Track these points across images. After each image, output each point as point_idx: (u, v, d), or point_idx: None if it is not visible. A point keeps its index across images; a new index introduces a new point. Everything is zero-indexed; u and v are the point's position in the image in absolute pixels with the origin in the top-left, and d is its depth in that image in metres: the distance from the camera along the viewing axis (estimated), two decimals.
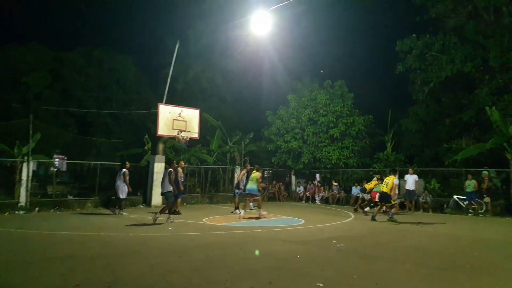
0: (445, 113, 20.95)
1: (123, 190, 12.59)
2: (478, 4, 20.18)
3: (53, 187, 16.48)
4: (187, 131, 16.88)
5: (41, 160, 16.22)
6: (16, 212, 12.36)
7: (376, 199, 14.45)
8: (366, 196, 15.36)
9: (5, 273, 5.19)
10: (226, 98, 29.85)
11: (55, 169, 17.93)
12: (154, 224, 10.10)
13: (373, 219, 12.04)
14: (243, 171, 14.18)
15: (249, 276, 5.28)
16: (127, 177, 12.62)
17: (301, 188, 21.81)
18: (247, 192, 12.44)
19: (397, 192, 12.97)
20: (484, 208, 14.36)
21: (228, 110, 29.10)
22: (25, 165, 13.82)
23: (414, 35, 21.02)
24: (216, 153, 22.50)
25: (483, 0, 19.72)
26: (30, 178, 13.86)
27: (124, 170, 12.72)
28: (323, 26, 29.90)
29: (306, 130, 22.51)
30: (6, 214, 12.15)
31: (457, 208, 15.28)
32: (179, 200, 12.60)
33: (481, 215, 14.16)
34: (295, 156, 22.93)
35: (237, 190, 13.91)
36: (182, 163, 13.96)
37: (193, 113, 17.59)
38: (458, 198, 15.30)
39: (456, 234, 9.75)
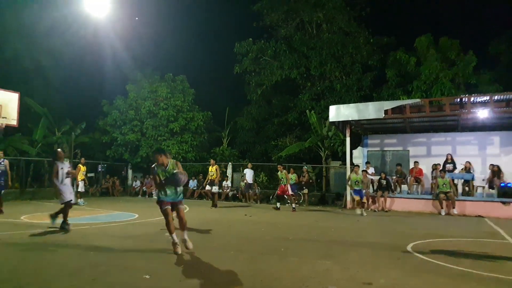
0: (274, 113, 23.45)
1: None
2: (304, 18, 23.20)
3: None
4: (3, 117, 14.63)
5: None
6: None
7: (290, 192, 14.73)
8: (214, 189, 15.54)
9: None
10: (55, 83, 26.83)
11: None
12: None
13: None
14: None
15: (70, 274, 5.05)
16: None
17: (138, 183, 21.34)
18: None
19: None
20: (302, 198, 16.67)
21: (56, 97, 26.23)
22: None
23: (250, 39, 22.81)
24: (40, 144, 20.12)
25: (307, 15, 22.76)
26: None
27: None
28: (168, 18, 29.73)
29: (145, 123, 22.10)
30: None
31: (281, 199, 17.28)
32: None
33: (296, 204, 16.35)
34: (133, 149, 22.28)
35: None
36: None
37: (10, 97, 15.29)
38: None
39: (276, 222, 11.12)
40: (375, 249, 7.09)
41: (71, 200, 8.69)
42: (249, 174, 16.80)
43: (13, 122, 15.29)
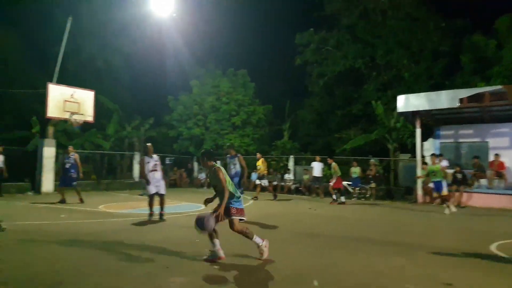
0: (337, 105, 22.79)
1: None
2: (368, 6, 22.23)
3: None
4: (81, 114, 15.77)
5: None
6: None
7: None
8: (264, 182, 15.68)
9: None
10: (125, 81, 28.35)
11: None
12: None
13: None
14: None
15: (145, 262, 5.24)
16: None
17: (203, 175, 21.92)
18: None
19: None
20: (370, 193, 16.05)
21: (126, 94, 27.72)
22: None
23: (312, 29, 22.32)
24: (113, 138, 21.41)
25: (371, 2, 21.76)
26: None
27: None
28: (227, 13, 30.02)
29: (208, 117, 22.62)
30: None
31: (346, 193, 16.79)
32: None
33: (363, 199, 15.81)
34: (197, 143, 22.93)
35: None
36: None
37: (87, 95, 16.46)
38: (346, 184, 16.80)
39: (343, 216, 10.80)
40: (453, 247, 6.55)
41: (156, 192, 9.01)
42: (317, 167, 16.37)
43: (90, 118, 16.42)
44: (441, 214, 10.93)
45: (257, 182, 15.39)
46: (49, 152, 15.33)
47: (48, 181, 15.18)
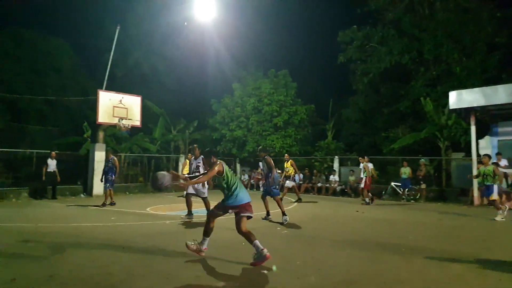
0: (383, 103, 22.03)
1: None
2: None
3: None
4: (129, 119, 16.32)
5: None
6: None
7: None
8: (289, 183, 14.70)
9: None
10: (169, 85, 29.15)
11: None
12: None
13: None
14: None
15: (194, 265, 5.26)
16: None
17: (246, 176, 22.02)
18: None
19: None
20: (419, 194, 15.34)
21: (171, 98, 28.47)
22: None
23: (355, 26, 21.73)
24: (159, 142, 22.02)
25: None
26: None
27: None
28: (267, 15, 30.08)
29: (250, 119, 22.67)
30: None
31: (394, 194, 16.19)
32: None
33: (412, 201, 15.11)
34: (240, 145, 23.07)
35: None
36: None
37: (134, 100, 17.00)
38: (395, 184, 16.19)
39: (393, 219, 10.38)
40: None
41: (193, 193, 9.27)
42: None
43: (137, 123, 16.95)
44: (499, 219, 10.20)
45: (287, 184, 14.76)
46: (99, 156, 15.97)
47: (98, 184, 15.80)
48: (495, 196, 10.21)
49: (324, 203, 14.19)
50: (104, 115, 15.57)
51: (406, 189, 15.42)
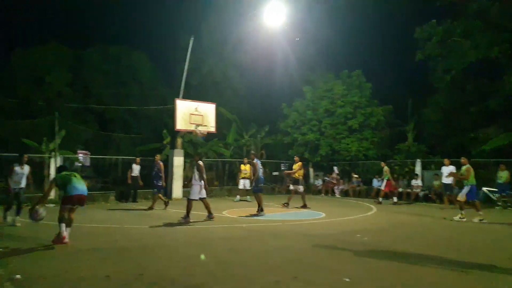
0: (468, 101, 20.25)
1: None
2: None
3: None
4: (204, 125, 16.85)
5: (67, 156, 16.50)
6: (46, 205, 12.47)
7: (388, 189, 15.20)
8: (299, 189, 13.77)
9: (34, 265, 5.22)
10: (241, 91, 29.71)
11: (80, 164, 18.19)
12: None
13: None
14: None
15: (272, 269, 5.18)
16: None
17: (319, 181, 21.58)
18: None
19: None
20: None
21: (242, 104, 28.98)
22: (52, 160, 14.23)
23: (434, 21, 20.29)
24: (232, 147, 22.47)
25: None
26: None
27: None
28: (337, 15, 29.26)
29: (323, 122, 22.21)
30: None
31: (487, 201, 14.68)
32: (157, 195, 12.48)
33: (510, 208, 13.58)
34: (313, 149, 22.69)
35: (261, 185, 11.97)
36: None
37: (209, 107, 17.53)
38: (488, 190, 14.67)
39: (485, 228, 9.42)
40: None
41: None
42: (447, 172, 14.36)
43: (212, 129, 17.45)
44: None
45: (291, 187, 13.88)
46: (178, 161, 16.71)
47: (177, 188, 16.55)
48: None
49: (406, 209, 13.36)
50: (181, 122, 16.24)
51: (504, 195, 13.85)
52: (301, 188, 13.44)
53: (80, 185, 6.76)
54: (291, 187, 13.86)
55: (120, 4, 45.38)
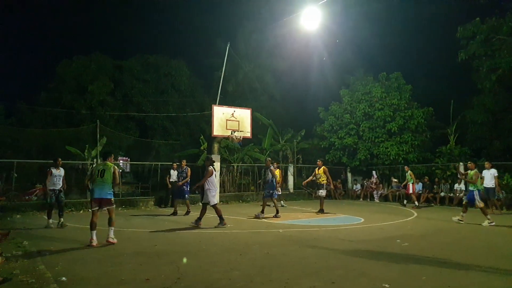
0: None
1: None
2: None
3: (119, 187, 17.38)
4: (240, 131, 17.00)
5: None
6: (89, 210, 13.04)
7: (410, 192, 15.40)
8: (321, 193, 13.53)
9: (77, 268, 5.47)
10: (276, 96, 29.73)
11: (120, 170, 18.86)
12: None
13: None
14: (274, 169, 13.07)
15: (310, 275, 5.16)
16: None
17: (358, 186, 21.19)
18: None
19: None
20: None
21: (278, 108, 28.99)
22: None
23: (477, 18, 19.45)
24: (268, 152, 22.49)
25: None
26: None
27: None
28: (375, 16, 28.73)
29: (361, 126, 21.80)
30: (81, 211, 13.03)
31: None
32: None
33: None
34: (350, 153, 22.31)
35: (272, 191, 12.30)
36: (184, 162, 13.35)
37: (245, 113, 17.68)
38: None
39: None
40: None
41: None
42: (488, 176, 13.78)
43: (248, 134, 17.58)
44: None
45: (319, 193, 13.36)
46: (215, 167, 16.92)
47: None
48: None
49: (448, 214, 12.83)
50: (218, 128, 16.49)
51: None
52: (323, 192, 13.26)
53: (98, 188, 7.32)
54: (319, 193, 13.48)
55: (159, 14, 47.04)
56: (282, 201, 15.65)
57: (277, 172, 14.20)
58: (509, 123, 19.38)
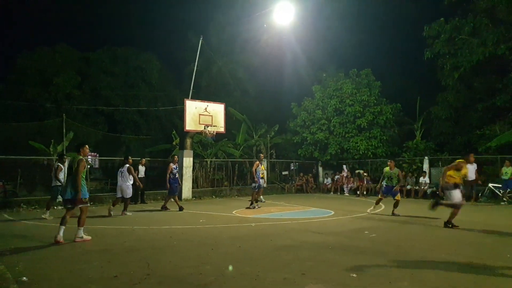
0: (476, 98, 20.15)
1: (126, 190, 11.23)
2: None
3: (87, 184, 16.98)
4: (213, 126, 17.00)
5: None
6: (55, 207, 12.69)
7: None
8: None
9: (40, 267, 5.34)
10: (249, 91, 29.82)
11: (88, 166, 18.42)
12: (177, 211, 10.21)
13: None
14: (256, 163, 13.30)
15: (281, 267, 5.28)
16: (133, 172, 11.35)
17: (329, 180, 21.63)
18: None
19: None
20: None
21: (252, 104, 29.10)
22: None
23: (442, 19, 20.22)
24: (242, 147, 22.58)
25: None
26: (66, 175, 14.28)
27: (127, 166, 11.26)
28: (346, 14, 29.29)
29: (332, 121, 22.24)
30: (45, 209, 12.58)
31: (493, 197, 14.75)
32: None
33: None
34: (322, 148, 22.73)
35: (254, 184, 13.05)
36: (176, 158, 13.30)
37: (218, 108, 17.68)
38: (493, 186, 14.75)
39: (493, 224, 9.42)
40: None
41: None
42: (471, 169, 14.13)
43: (221, 129, 17.60)
44: None
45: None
46: (187, 162, 16.84)
47: (187, 189, 16.67)
48: None
49: (414, 207, 13.33)
50: (191, 123, 16.41)
51: (508, 191, 13.93)
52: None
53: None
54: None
55: (128, 5, 45.95)
56: (262, 196, 15.75)
57: (263, 167, 14.35)
58: (469, 119, 20.28)
